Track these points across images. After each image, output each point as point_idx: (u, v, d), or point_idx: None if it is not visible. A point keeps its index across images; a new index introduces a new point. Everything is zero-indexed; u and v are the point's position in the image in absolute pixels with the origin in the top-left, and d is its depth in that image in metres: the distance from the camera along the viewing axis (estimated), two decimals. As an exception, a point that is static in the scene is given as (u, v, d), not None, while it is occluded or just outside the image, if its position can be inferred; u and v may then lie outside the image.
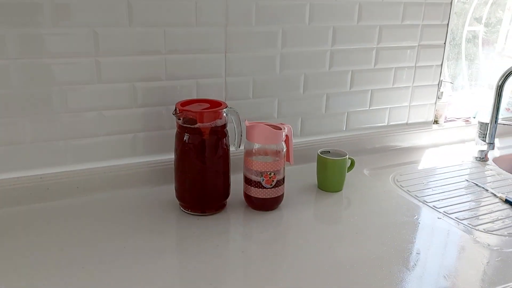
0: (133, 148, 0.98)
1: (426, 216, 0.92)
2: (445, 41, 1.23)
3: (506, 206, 0.98)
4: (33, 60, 0.85)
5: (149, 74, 0.94)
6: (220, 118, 0.85)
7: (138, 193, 0.97)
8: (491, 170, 1.18)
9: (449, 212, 0.93)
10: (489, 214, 0.94)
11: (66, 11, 0.84)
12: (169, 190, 0.94)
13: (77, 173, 0.93)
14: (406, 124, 1.27)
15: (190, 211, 0.89)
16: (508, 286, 0.70)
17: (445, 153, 1.27)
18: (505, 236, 0.86)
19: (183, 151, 0.85)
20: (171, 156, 0.90)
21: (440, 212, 0.93)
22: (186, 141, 0.84)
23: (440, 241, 0.84)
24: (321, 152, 1.01)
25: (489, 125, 1.20)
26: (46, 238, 0.79)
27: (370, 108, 1.21)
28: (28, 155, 0.89)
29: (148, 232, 0.82)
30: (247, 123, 0.88)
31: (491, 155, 1.25)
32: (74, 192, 0.93)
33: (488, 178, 1.13)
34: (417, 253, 0.78)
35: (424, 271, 0.74)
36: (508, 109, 1.52)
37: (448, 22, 1.21)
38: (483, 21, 1.50)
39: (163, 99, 0.97)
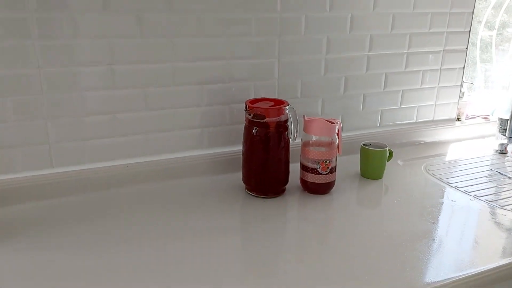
0: (200, 142, 1.12)
1: (460, 198, 1.05)
2: (467, 46, 1.37)
3: (527, 190, 1.11)
4: (120, 66, 0.99)
5: (214, 77, 1.09)
6: (283, 114, 0.99)
7: (206, 180, 1.11)
8: (511, 161, 1.31)
9: (479, 195, 1.07)
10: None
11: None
12: (234, 177, 1.08)
13: (155, 163, 1.08)
14: (432, 121, 1.41)
15: (255, 194, 1.03)
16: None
17: (467, 147, 1.40)
18: (528, 214, 0.99)
19: (252, 142, 0.99)
20: (233, 148, 1.04)
21: (471, 195, 1.07)
22: (255, 134, 0.98)
23: (474, 217, 0.97)
24: (364, 144, 1.15)
25: (509, 121, 1.34)
26: (130, 218, 0.93)
27: (401, 106, 1.35)
28: (117, 147, 1.04)
29: (217, 211, 0.96)
30: (306, 118, 1.02)
31: (511, 148, 1.39)
32: (152, 179, 1.07)
33: (508, 168, 1.26)
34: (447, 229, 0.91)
35: (463, 239, 0.87)
36: (521, 108, 1.65)
37: (470, 29, 1.35)
38: (497, 26, 1.64)
39: (224, 99, 1.12)
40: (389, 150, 1.15)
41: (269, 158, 1.00)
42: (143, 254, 0.80)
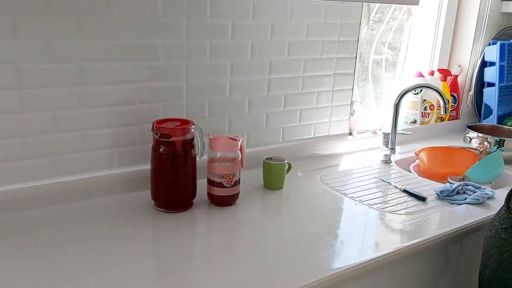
0: (110, 161, 1.17)
1: (346, 203, 1.21)
2: (354, 70, 1.57)
3: (404, 194, 1.31)
4: (29, 91, 1.02)
5: (123, 99, 1.14)
6: (189, 133, 1.08)
7: (117, 199, 1.15)
8: (393, 169, 1.52)
9: (363, 200, 1.24)
10: (392, 200, 1.26)
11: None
12: (145, 194, 1.14)
13: (66, 183, 1.10)
14: (327, 136, 1.58)
15: (164, 209, 1.10)
16: (405, 245, 1.00)
17: (358, 158, 1.59)
18: (402, 214, 1.17)
19: (159, 160, 1.06)
20: (143, 166, 1.10)
21: (356, 200, 1.23)
22: (162, 152, 1.06)
23: (358, 219, 1.13)
24: (266, 158, 1.27)
25: (390, 134, 1.55)
26: (38, 241, 0.95)
27: (300, 123, 1.50)
28: (24, 170, 1.05)
29: (127, 226, 1.02)
30: (211, 136, 1.11)
31: (393, 158, 1.60)
32: (62, 200, 1.09)
33: (391, 175, 1.46)
34: (337, 229, 1.06)
35: (346, 238, 1.02)
36: (406, 122, 1.91)
37: (356, 55, 1.55)
38: (385, 49, 1.89)
39: (134, 120, 1.18)
40: (287, 163, 1.28)
41: (177, 175, 1.08)
42: (50, 277, 0.83)
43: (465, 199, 1.24)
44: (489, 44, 1.92)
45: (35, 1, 0.98)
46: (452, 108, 1.96)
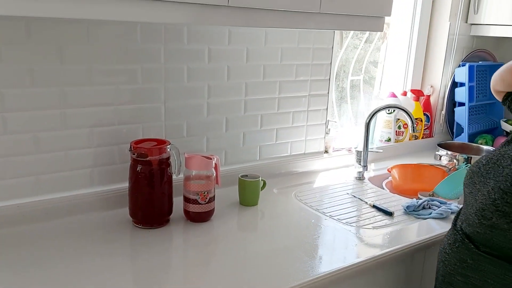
0: (91, 180, 1.22)
1: (317, 218, 1.27)
2: (328, 91, 1.64)
3: (373, 210, 1.37)
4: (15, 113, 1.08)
5: (103, 121, 1.21)
6: (165, 153, 1.14)
7: (97, 216, 1.20)
8: (366, 186, 1.58)
9: (334, 216, 1.30)
10: (361, 215, 1.32)
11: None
12: (122, 212, 1.19)
13: (47, 201, 1.15)
14: (304, 153, 1.65)
15: (141, 226, 1.15)
16: (368, 257, 1.06)
17: (333, 175, 1.66)
18: (370, 228, 1.23)
19: (136, 179, 1.12)
20: (122, 185, 1.15)
21: (327, 215, 1.29)
22: (139, 171, 1.11)
23: (329, 234, 1.19)
24: (241, 176, 1.33)
25: (362, 152, 1.62)
26: (15, 257, 1.00)
27: (276, 142, 1.57)
28: (8, 188, 1.10)
29: (106, 242, 1.06)
30: (186, 155, 1.17)
31: (367, 175, 1.67)
32: (43, 218, 1.14)
33: (364, 192, 1.53)
34: (310, 243, 1.12)
35: (316, 252, 1.07)
36: (381, 140, 1.98)
37: (329, 77, 1.63)
38: (363, 71, 1.97)
39: (115, 140, 1.24)
40: (262, 180, 1.34)
41: (153, 192, 1.13)
42: None
43: (430, 214, 1.31)
44: (459, 66, 2.02)
45: (19, 30, 1.05)
46: (426, 127, 2.04)
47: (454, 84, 2.03)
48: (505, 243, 0.89)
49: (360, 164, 1.63)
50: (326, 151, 1.72)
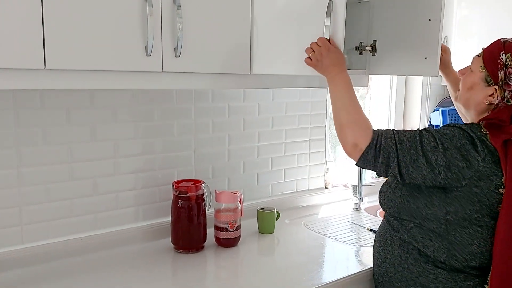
0: (136, 216, 1.47)
1: (324, 241, 1.53)
2: (325, 136, 1.95)
3: (370, 232, 1.63)
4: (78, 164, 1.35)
5: (145, 167, 1.48)
6: (200, 189, 1.40)
7: (143, 246, 1.44)
8: (363, 215, 1.85)
9: (338, 238, 1.56)
10: (360, 237, 1.58)
11: (101, 131, 1.38)
12: (164, 241, 1.44)
13: (103, 235, 1.40)
14: (308, 190, 1.92)
15: (182, 251, 1.39)
16: (366, 267, 1.31)
17: (334, 207, 1.92)
18: (368, 247, 1.49)
19: (178, 212, 1.38)
20: (163, 219, 1.42)
21: (333, 238, 1.55)
22: (180, 206, 1.38)
23: (334, 251, 1.44)
24: (259, 208, 1.59)
25: (357, 186, 1.90)
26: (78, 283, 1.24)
27: (284, 180, 1.84)
28: (72, 224, 1.35)
29: (153, 267, 1.31)
30: (216, 191, 1.44)
31: (363, 206, 1.94)
32: (99, 249, 1.38)
33: (361, 219, 1.79)
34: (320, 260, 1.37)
35: (325, 264, 1.33)
36: (372, 177, 2.27)
37: (325, 124, 1.94)
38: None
39: (155, 182, 1.51)
40: (277, 211, 1.61)
41: (192, 223, 1.39)
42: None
43: (417, 233, 1.57)
44: (434, 111, 2.36)
45: (33, 98, 1.27)
46: (410, 163, 2.34)
47: (431, 126, 2.36)
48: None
49: (356, 197, 1.90)
50: (326, 187, 2.00)
